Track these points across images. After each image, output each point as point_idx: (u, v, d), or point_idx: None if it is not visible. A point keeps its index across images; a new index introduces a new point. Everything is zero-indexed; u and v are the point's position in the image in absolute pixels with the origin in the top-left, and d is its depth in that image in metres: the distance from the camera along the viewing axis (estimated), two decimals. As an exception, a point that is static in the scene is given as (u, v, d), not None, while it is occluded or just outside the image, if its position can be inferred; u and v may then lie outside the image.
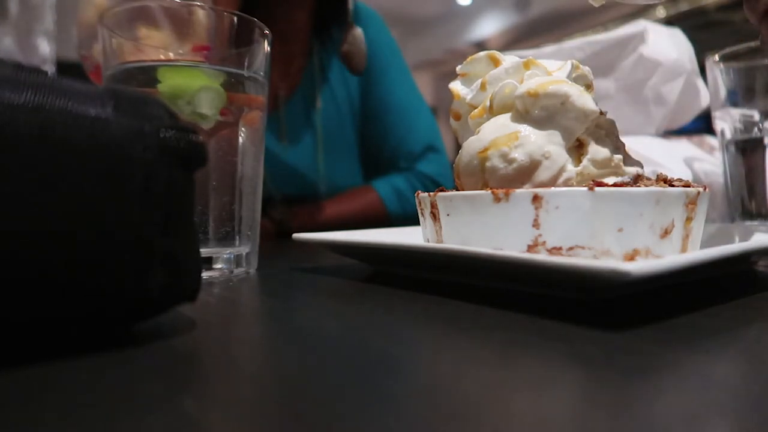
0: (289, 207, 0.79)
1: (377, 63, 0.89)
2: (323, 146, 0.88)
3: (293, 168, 0.87)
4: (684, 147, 0.65)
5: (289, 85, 0.88)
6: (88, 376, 0.16)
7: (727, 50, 0.50)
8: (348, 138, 0.91)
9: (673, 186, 0.28)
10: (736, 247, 0.24)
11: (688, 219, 0.28)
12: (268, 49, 0.40)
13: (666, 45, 0.64)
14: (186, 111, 0.35)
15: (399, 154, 0.88)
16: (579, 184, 0.28)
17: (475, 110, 0.33)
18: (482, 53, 0.35)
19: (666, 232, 0.27)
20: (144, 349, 0.18)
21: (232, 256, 0.37)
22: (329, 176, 0.89)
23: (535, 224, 0.26)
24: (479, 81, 0.33)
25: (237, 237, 0.38)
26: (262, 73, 0.39)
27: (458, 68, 0.36)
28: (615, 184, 0.27)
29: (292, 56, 0.88)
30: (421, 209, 0.33)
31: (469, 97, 0.34)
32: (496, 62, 0.33)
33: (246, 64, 0.38)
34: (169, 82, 0.35)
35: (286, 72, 0.88)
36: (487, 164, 0.29)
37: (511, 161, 0.28)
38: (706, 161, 0.61)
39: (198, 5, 0.38)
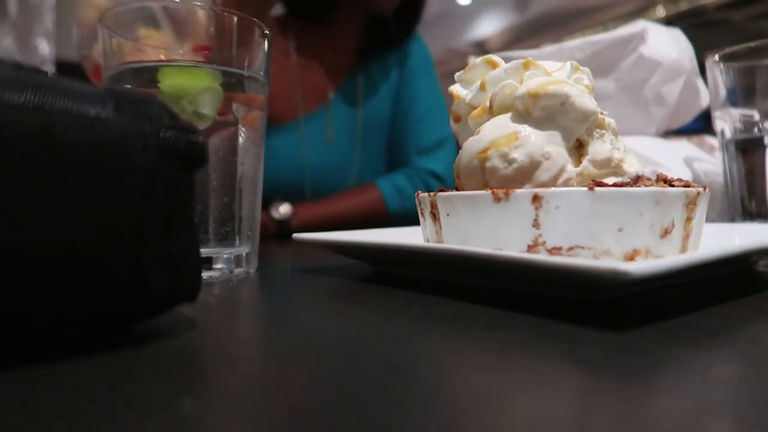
0: (289, 205, 0.79)
1: (411, 69, 0.94)
2: (360, 145, 0.92)
3: (331, 165, 0.90)
4: (684, 147, 0.65)
5: (334, 86, 0.92)
6: (88, 376, 0.16)
7: (727, 50, 0.50)
8: (381, 139, 0.95)
9: (673, 186, 0.28)
10: (736, 247, 0.24)
11: (688, 219, 0.28)
12: (268, 49, 0.40)
13: (666, 45, 0.64)
14: (187, 111, 0.35)
15: (409, 151, 0.91)
16: (579, 184, 0.28)
17: (475, 110, 0.33)
18: (479, 59, 0.34)
19: (666, 232, 0.27)
20: (144, 349, 0.18)
21: (232, 256, 0.37)
22: (360, 174, 0.93)
23: (535, 224, 0.26)
24: (479, 81, 0.33)
25: (237, 237, 0.38)
26: (262, 73, 0.39)
27: (456, 75, 0.35)
28: (615, 184, 0.27)
29: (340, 66, 0.92)
30: (421, 209, 0.33)
31: (468, 98, 0.34)
32: (494, 67, 0.33)
33: (246, 64, 0.38)
34: (169, 82, 0.35)
35: (331, 75, 0.92)
36: (487, 164, 0.29)
37: (511, 161, 0.28)
38: (706, 161, 0.61)
39: (198, 5, 0.38)
